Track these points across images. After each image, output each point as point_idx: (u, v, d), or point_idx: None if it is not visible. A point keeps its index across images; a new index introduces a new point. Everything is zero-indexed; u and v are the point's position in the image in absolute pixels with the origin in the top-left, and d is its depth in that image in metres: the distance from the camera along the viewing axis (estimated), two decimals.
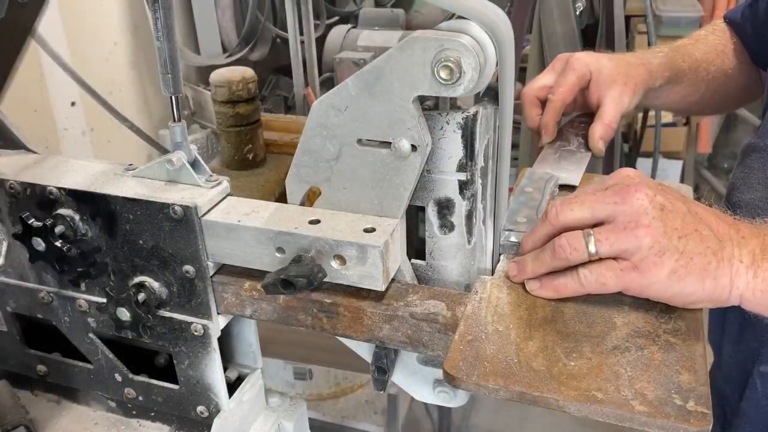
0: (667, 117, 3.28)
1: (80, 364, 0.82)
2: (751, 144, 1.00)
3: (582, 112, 1.01)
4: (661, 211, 0.62)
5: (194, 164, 0.71)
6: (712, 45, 1.13)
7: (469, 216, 0.68)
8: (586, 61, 0.96)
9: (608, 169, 2.25)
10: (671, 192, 0.66)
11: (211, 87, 1.05)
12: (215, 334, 0.72)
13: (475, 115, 0.64)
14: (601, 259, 0.64)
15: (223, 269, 0.71)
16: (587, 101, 0.98)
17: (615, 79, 0.96)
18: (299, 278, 0.61)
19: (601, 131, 0.94)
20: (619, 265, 0.63)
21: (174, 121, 0.69)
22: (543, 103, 0.99)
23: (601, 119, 0.95)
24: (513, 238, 0.74)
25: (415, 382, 0.77)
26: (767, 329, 0.89)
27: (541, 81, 0.99)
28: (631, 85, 0.97)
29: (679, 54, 1.07)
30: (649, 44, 2.53)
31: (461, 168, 0.66)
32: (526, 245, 0.71)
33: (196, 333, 0.72)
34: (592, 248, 0.63)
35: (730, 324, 0.97)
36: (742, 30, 1.13)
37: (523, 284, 0.71)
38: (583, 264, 0.64)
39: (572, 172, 0.91)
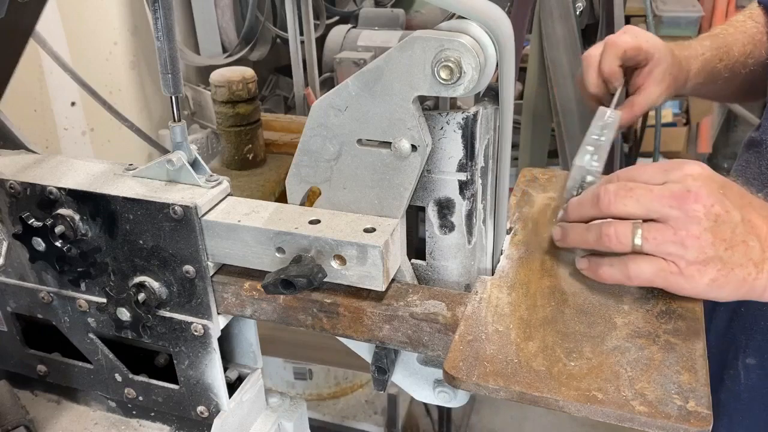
0: (667, 117, 3.28)
1: (80, 364, 0.82)
2: (750, 138, 1.00)
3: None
4: (714, 222, 0.62)
5: (194, 164, 0.71)
6: (751, 35, 1.12)
7: (469, 216, 0.68)
8: (659, 46, 0.95)
9: (608, 169, 2.25)
10: (731, 195, 0.64)
11: (211, 87, 1.05)
12: (215, 334, 0.72)
13: (475, 115, 0.64)
14: (645, 254, 0.64)
15: (223, 269, 0.71)
16: (631, 78, 0.98)
17: (663, 78, 0.96)
18: (299, 278, 0.61)
19: (627, 118, 0.94)
20: (668, 267, 0.63)
21: (174, 121, 0.69)
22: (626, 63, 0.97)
23: (633, 108, 0.95)
24: (590, 178, 0.77)
25: (415, 382, 0.77)
26: (755, 321, 0.90)
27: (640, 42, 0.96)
28: (671, 89, 0.98)
29: (719, 53, 1.07)
30: None
31: (461, 168, 0.66)
32: (572, 214, 0.72)
33: (196, 333, 0.72)
34: (638, 241, 0.64)
35: (718, 316, 0.98)
36: None
37: (523, 284, 0.71)
38: (631, 257, 0.65)
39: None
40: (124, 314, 0.72)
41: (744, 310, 0.69)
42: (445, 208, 0.68)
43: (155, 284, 0.71)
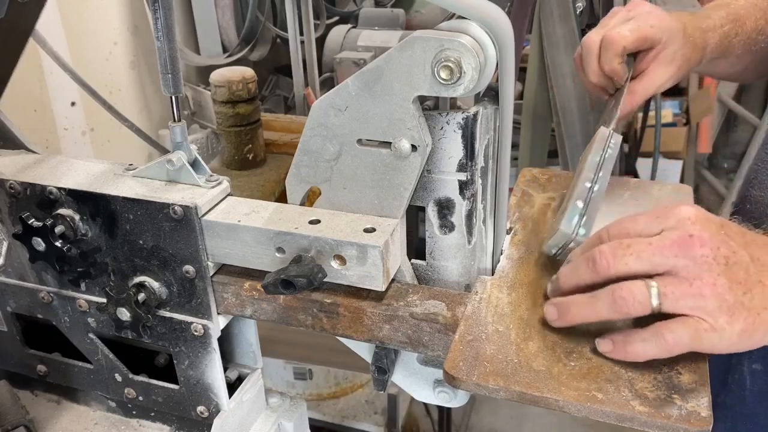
0: (667, 117, 3.28)
1: (80, 364, 0.82)
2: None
3: None
4: (725, 265, 0.58)
5: (194, 164, 0.71)
6: (763, 8, 1.04)
7: (469, 216, 0.68)
8: (667, 27, 0.87)
9: None
10: (733, 235, 0.61)
11: (211, 87, 1.05)
12: (215, 334, 0.72)
13: (475, 115, 0.64)
14: (672, 316, 0.59)
15: (223, 269, 0.71)
16: (635, 62, 0.90)
17: (673, 60, 0.88)
18: (299, 278, 0.61)
19: (626, 108, 0.87)
20: (701, 325, 0.58)
21: (174, 121, 0.69)
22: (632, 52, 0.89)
23: (633, 96, 0.87)
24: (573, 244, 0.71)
25: (415, 382, 0.77)
26: None
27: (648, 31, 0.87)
28: (683, 70, 0.90)
29: (734, 27, 0.99)
30: None
31: (461, 168, 0.66)
32: (566, 284, 0.65)
33: (196, 333, 0.72)
34: (655, 301, 0.58)
35: None
36: None
37: (523, 284, 0.71)
38: (664, 325, 0.59)
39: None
40: (124, 314, 0.72)
41: None
42: (445, 208, 0.68)
43: (155, 284, 0.71)
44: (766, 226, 0.68)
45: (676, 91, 3.33)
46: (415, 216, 0.73)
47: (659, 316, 0.59)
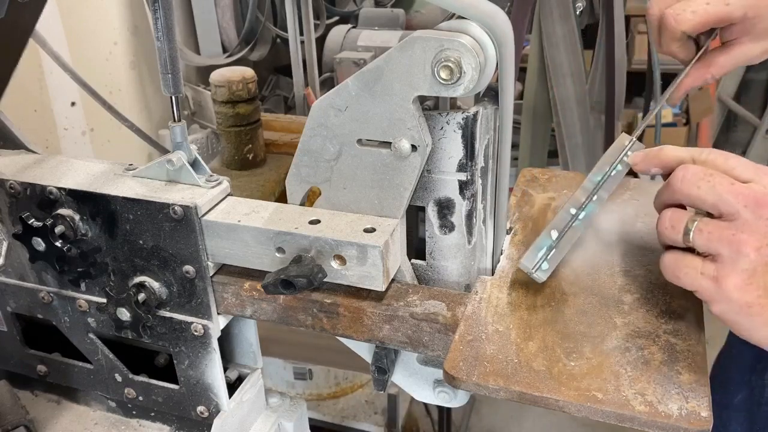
0: (667, 117, 3.28)
1: (80, 364, 0.82)
2: None
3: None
4: None
5: (194, 164, 0.71)
6: None
7: (469, 216, 0.68)
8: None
9: None
10: None
11: (211, 87, 1.05)
12: (215, 334, 0.72)
13: (475, 115, 0.64)
14: (691, 250, 0.59)
15: (223, 269, 0.71)
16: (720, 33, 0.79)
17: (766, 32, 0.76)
18: (299, 278, 0.61)
19: (694, 80, 0.80)
20: (706, 269, 0.58)
21: (174, 121, 0.69)
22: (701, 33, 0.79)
23: (708, 68, 0.78)
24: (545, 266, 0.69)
25: (415, 382, 0.77)
26: None
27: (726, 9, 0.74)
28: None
29: None
30: (649, 44, 2.53)
31: (461, 168, 0.66)
32: (657, 202, 0.65)
33: (196, 333, 0.72)
34: (690, 236, 0.59)
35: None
36: None
37: (523, 285, 0.71)
38: (670, 252, 0.61)
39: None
40: (124, 314, 0.72)
41: None
42: (445, 208, 0.68)
43: (155, 284, 0.71)
44: None
45: None
46: (415, 216, 0.73)
47: None
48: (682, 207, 0.62)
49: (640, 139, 0.76)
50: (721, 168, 0.60)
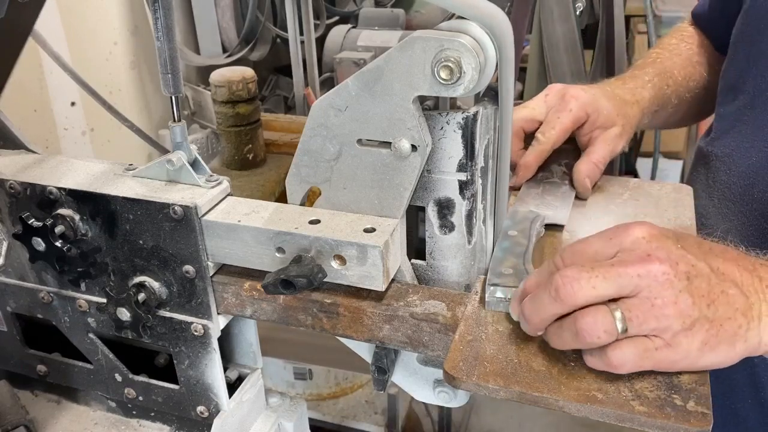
0: None
1: (80, 364, 0.82)
2: (699, 148, 1.00)
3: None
4: (687, 280, 0.57)
5: (194, 164, 0.71)
6: (687, 57, 1.11)
7: (469, 216, 0.68)
8: (584, 101, 0.89)
9: (608, 169, 2.25)
10: (690, 248, 0.59)
11: (211, 87, 1.05)
12: (215, 334, 0.72)
13: (475, 115, 0.64)
14: (630, 338, 0.57)
15: (223, 269, 0.71)
16: (578, 139, 0.92)
17: (614, 122, 0.90)
18: (299, 278, 0.61)
19: (588, 169, 0.88)
20: (653, 344, 0.56)
21: (174, 121, 0.69)
22: (526, 135, 0.92)
23: (589, 157, 0.89)
24: (499, 294, 0.66)
25: (415, 382, 0.77)
26: None
27: (531, 112, 0.91)
28: (627, 128, 0.92)
29: (664, 80, 1.04)
30: (649, 44, 2.53)
31: (461, 168, 0.66)
32: (532, 320, 0.60)
33: (196, 333, 0.72)
34: (620, 327, 0.56)
35: None
36: (711, 20, 1.11)
37: None
38: (610, 345, 0.57)
39: (558, 209, 0.84)
40: (124, 314, 0.72)
41: None
42: (445, 208, 0.68)
43: (155, 284, 0.71)
44: None
45: None
46: (415, 216, 0.73)
47: None
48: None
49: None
50: (585, 258, 0.60)
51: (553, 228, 0.81)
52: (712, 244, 0.62)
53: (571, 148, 0.94)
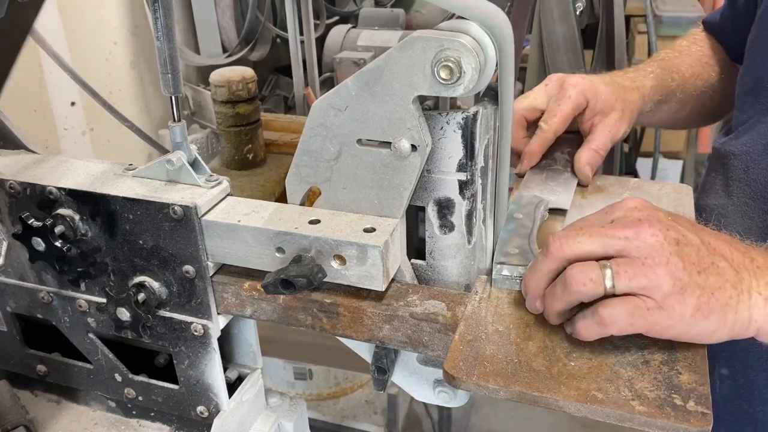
0: None
1: (80, 364, 0.82)
2: (715, 149, 1.00)
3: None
4: (676, 245, 0.58)
5: (194, 164, 0.71)
6: (697, 57, 1.12)
7: (469, 216, 0.68)
8: (583, 88, 0.92)
9: (608, 169, 2.25)
10: (682, 222, 0.62)
11: (211, 87, 1.05)
12: (215, 334, 0.72)
13: (475, 115, 0.64)
14: (616, 295, 0.58)
15: (223, 269, 0.71)
16: (580, 126, 0.95)
17: (613, 106, 0.93)
18: (299, 278, 0.61)
19: (588, 157, 0.91)
20: (645, 303, 0.57)
21: (174, 121, 0.69)
22: (529, 124, 0.95)
23: (590, 144, 0.92)
24: (505, 272, 0.69)
25: (415, 382, 0.77)
26: None
27: (532, 101, 0.94)
28: (627, 113, 0.94)
29: (668, 72, 1.05)
30: (649, 44, 2.53)
31: (461, 168, 0.66)
32: (529, 285, 0.64)
33: (196, 333, 0.72)
34: (609, 282, 0.58)
35: None
36: (723, 30, 1.12)
37: None
38: (602, 301, 0.59)
39: (561, 195, 0.86)
40: (124, 314, 0.72)
41: None
42: (445, 208, 0.68)
43: (155, 284, 0.71)
44: None
45: None
46: (415, 216, 0.73)
47: None
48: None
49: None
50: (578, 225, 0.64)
51: (556, 212, 0.84)
52: (704, 227, 0.64)
53: (574, 137, 0.96)
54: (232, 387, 0.79)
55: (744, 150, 0.94)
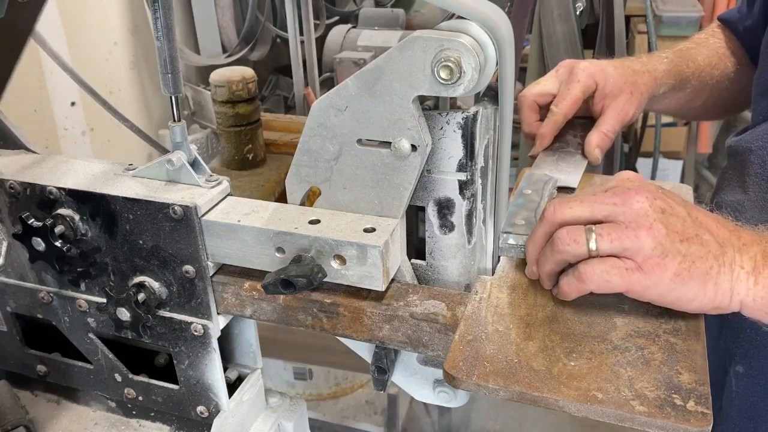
0: (667, 117, 3.28)
1: (80, 364, 0.82)
2: (729, 147, 1.00)
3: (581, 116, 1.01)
4: (662, 213, 0.62)
5: (194, 164, 0.71)
6: (714, 48, 1.12)
7: (469, 216, 0.68)
8: (592, 71, 0.94)
9: (608, 169, 2.25)
10: (671, 196, 0.65)
11: (211, 87, 1.05)
12: (215, 334, 0.72)
13: (475, 115, 0.64)
14: (602, 257, 0.63)
15: (223, 269, 0.71)
16: (590, 109, 0.97)
17: (621, 89, 0.95)
18: (299, 278, 0.61)
19: (597, 139, 0.93)
20: (624, 264, 0.61)
21: (174, 121, 0.69)
22: (541, 108, 0.98)
23: (599, 128, 0.94)
24: (511, 240, 0.73)
25: (415, 382, 0.77)
26: (741, 330, 0.90)
27: (543, 87, 0.98)
28: (636, 95, 0.96)
29: (683, 59, 1.06)
30: (649, 44, 2.52)
31: (461, 168, 0.66)
32: (529, 249, 0.70)
33: (196, 333, 0.72)
34: (593, 244, 0.62)
35: (709, 323, 0.97)
36: (736, 28, 1.13)
37: (523, 284, 0.71)
38: (584, 261, 0.63)
39: (570, 174, 0.90)
40: (124, 314, 0.72)
41: (731, 316, 0.68)
42: (445, 208, 0.68)
43: (155, 284, 0.71)
44: None
45: None
46: (415, 216, 0.73)
47: None
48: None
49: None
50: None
51: (564, 190, 0.87)
52: (696, 207, 0.67)
53: (587, 122, 0.99)
54: (232, 387, 0.79)
55: (760, 145, 0.94)
